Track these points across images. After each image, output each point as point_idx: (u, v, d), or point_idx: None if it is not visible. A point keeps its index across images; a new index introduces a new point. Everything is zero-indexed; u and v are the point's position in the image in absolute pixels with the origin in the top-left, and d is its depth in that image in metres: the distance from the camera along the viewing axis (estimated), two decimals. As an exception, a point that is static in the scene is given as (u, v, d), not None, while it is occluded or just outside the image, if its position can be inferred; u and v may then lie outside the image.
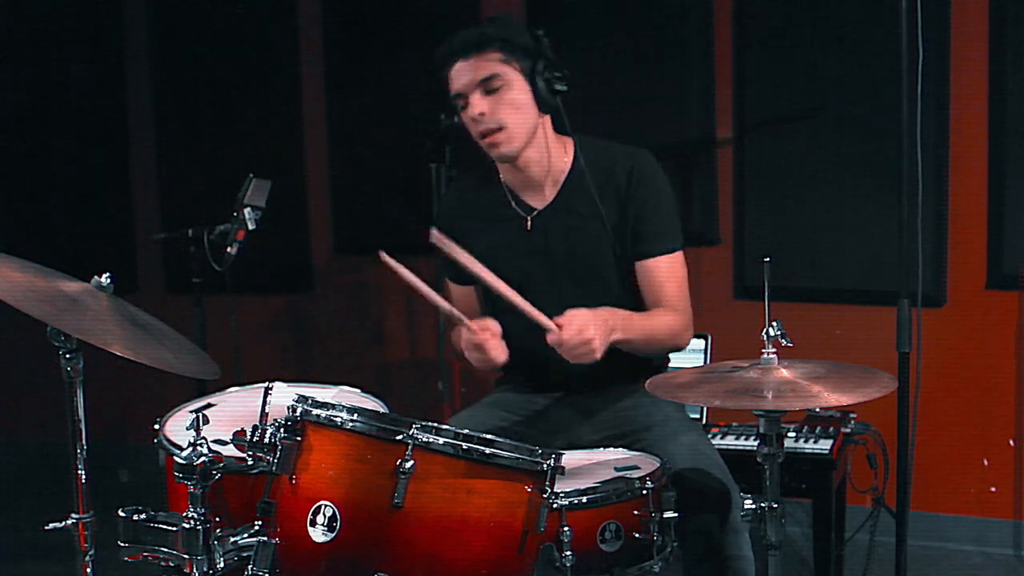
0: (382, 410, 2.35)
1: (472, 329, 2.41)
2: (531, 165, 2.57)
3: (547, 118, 2.57)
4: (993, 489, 3.87)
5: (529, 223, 2.61)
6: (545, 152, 2.57)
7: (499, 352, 2.43)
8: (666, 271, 2.58)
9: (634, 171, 2.57)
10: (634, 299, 2.63)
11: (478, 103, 2.48)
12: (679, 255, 2.60)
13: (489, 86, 2.48)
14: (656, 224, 2.57)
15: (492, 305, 2.74)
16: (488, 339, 2.42)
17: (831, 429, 3.30)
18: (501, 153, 2.53)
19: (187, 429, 2.03)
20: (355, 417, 1.98)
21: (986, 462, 3.86)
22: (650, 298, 2.59)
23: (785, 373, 2.16)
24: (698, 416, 3.34)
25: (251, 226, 3.44)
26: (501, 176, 2.64)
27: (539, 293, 2.60)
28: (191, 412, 2.08)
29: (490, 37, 2.48)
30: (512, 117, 2.49)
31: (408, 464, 1.92)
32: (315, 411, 2.00)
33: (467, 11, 4.36)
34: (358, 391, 2.54)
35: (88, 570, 2.19)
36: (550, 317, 2.58)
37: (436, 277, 4.06)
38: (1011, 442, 3.82)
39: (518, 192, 2.63)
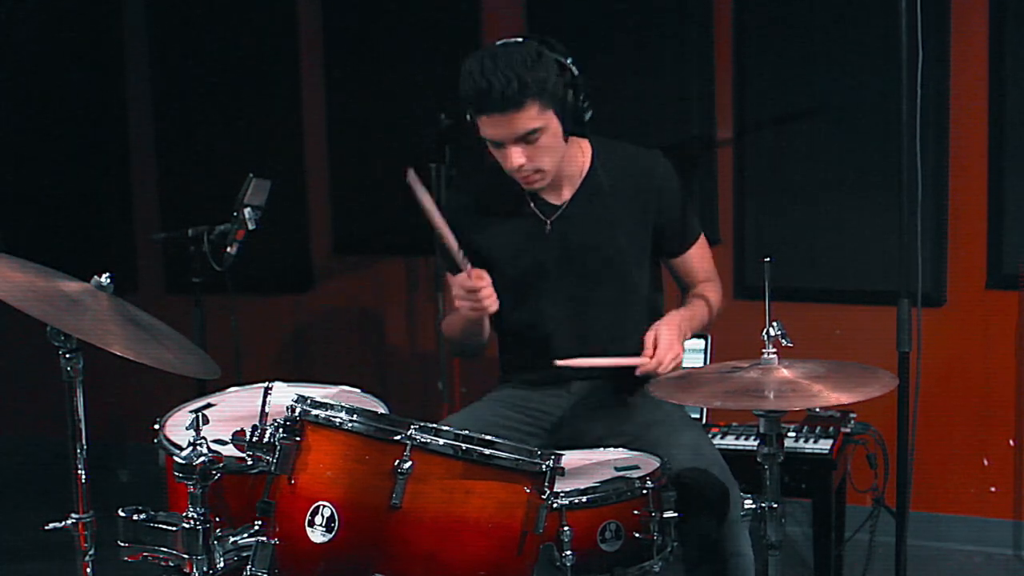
0: (382, 410, 2.35)
1: (471, 275, 2.42)
2: None
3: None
4: (993, 489, 3.86)
5: (550, 224, 2.61)
6: (566, 157, 2.58)
7: (492, 300, 2.44)
8: (699, 256, 2.73)
9: (655, 177, 2.60)
10: (651, 293, 2.68)
11: (517, 155, 2.45)
12: (702, 236, 2.74)
13: (529, 139, 2.44)
14: (684, 222, 2.68)
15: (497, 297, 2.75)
16: (483, 286, 2.43)
17: (831, 429, 3.31)
18: (534, 188, 2.56)
19: (187, 429, 2.03)
20: (353, 417, 1.98)
21: (986, 462, 3.86)
22: (688, 281, 2.76)
23: (785, 373, 2.16)
24: (698, 416, 3.34)
25: (251, 226, 3.44)
26: None
27: (555, 291, 2.62)
28: (191, 412, 2.09)
29: (529, 89, 2.37)
30: (548, 161, 2.49)
31: (406, 465, 1.92)
32: (314, 411, 2.00)
33: (467, 11, 4.37)
34: (358, 391, 2.54)
35: (88, 570, 2.19)
36: (562, 312, 2.60)
37: (436, 275, 4.09)
38: (1011, 442, 3.82)
39: (536, 192, 2.64)
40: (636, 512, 2.18)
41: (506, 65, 2.38)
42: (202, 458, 2.00)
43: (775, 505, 2.19)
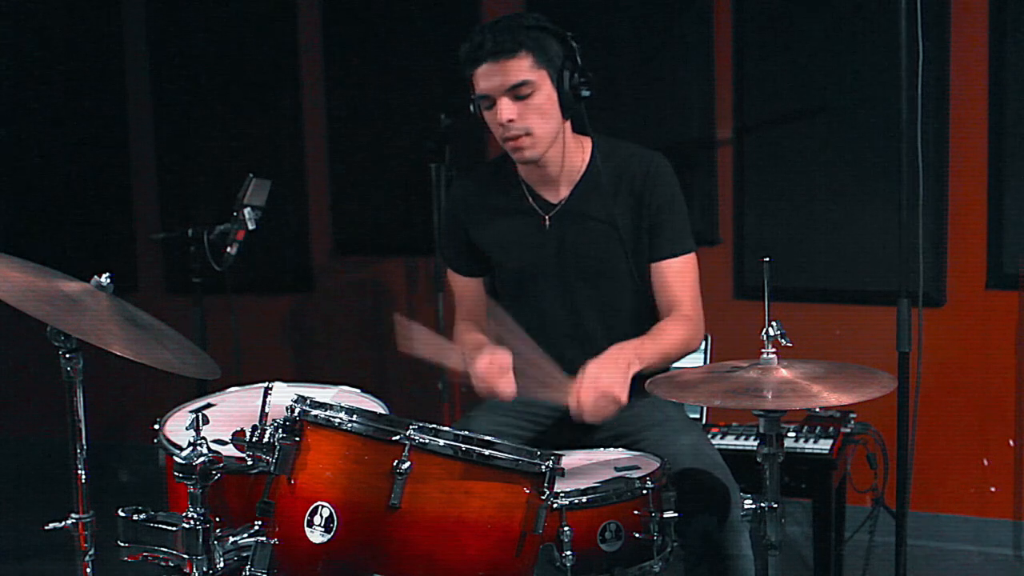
0: (381, 410, 2.35)
1: (483, 366, 2.42)
2: (549, 164, 2.58)
3: (568, 119, 2.57)
4: (993, 489, 3.87)
5: (547, 220, 2.61)
6: (564, 151, 2.59)
7: (507, 389, 2.42)
8: (678, 273, 2.60)
9: (649, 174, 2.58)
10: (645, 298, 2.65)
11: (507, 109, 2.46)
12: (692, 257, 2.63)
13: (519, 92, 2.45)
14: (670, 228, 2.60)
15: (496, 299, 2.75)
16: (497, 380, 2.41)
17: (831, 429, 3.30)
18: (524, 157, 2.53)
19: (187, 429, 2.03)
20: (353, 418, 1.98)
21: (986, 462, 3.86)
22: (662, 300, 2.61)
23: (785, 373, 2.16)
24: (698, 416, 3.34)
25: (251, 226, 3.44)
26: (519, 170, 2.65)
27: (549, 288, 2.61)
28: (191, 412, 2.08)
29: (523, 42, 2.43)
30: (538, 124, 2.48)
31: (405, 465, 1.92)
32: (313, 411, 2.00)
33: (467, 11, 4.37)
34: (358, 391, 2.54)
35: (88, 570, 2.19)
36: (557, 312, 2.61)
37: (436, 275, 4.09)
38: (1011, 442, 3.82)
39: (535, 187, 2.64)
40: (636, 512, 2.18)
41: (503, 22, 2.46)
42: (202, 458, 1.99)
43: (775, 505, 2.19)
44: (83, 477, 2.17)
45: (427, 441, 1.94)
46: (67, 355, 2.13)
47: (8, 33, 5.10)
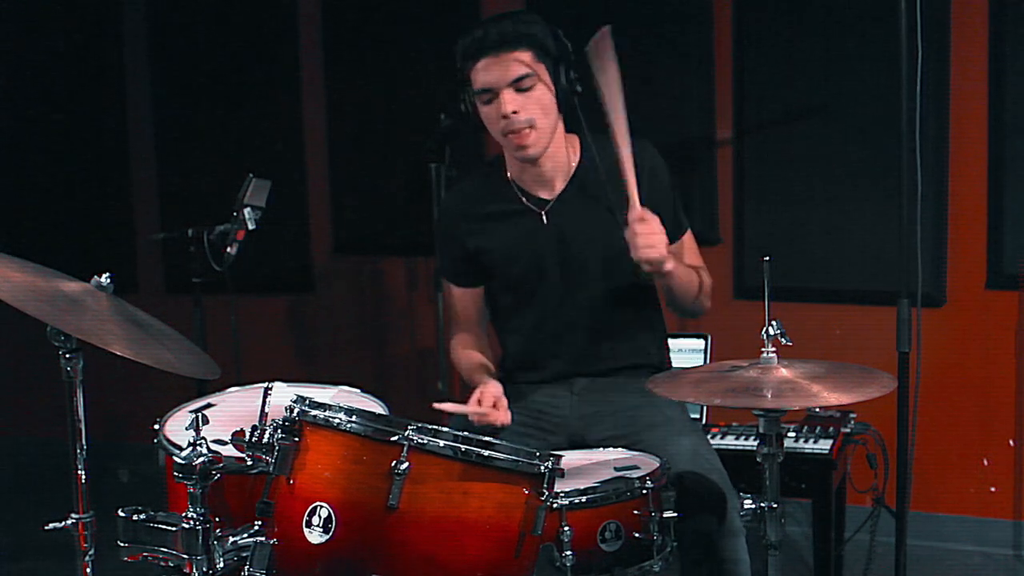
0: (381, 410, 2.35)
1: (478, 409, 2.42)
2: (546, 161, 2.59)
3: (561, 116, 2.58)
4: (993, 489, 3.87)
5: (545, 217, 2.62)
6: (558, 149, 2.60)
7: (502, 418, 2.44)
8: (685, 250, 2.69)
9: (644, 161, 2.58)
10: (645, 287, 2.65)
11: (510, 101, 2.47)
12: (689, 232, 2.72)
13: (521, 85, 2.47)
14: (669, 213, 2.63)
15: (496, 305, 2.75)
16: (491, 415, 2.42)
17: (831, 429, 3.31)
18: (527, 153, 2.54)
19: (187, 429, 2.03)
20: (352, 418, 1.98)
21: (986, 462, 3.86)
22: None
23: (785, 372, 2.16)
24: (698, 416, 3.34)
25: (251, 226, 3.44)
26: (508, 173, 2.65)
27: (554, 284, 2.62)
28: (191, 412, 2.08)
29: (523, 35, 2.48)
30: (541, 117, 2.50)
31: (403, 466, 1.92)
32: (312, 412, 2.00)
33: (467, 10, 4.37)
34: (358, 391, 2.54)
35: (88, 570, 2.19)
36: (563, 305, 2.63)
37: (436, 275, 4.09)
38: (1011, 442, 3.82)
39: (527, 187, 2.64)
40: (636, 512, 2.18)
41: (502, 18, 2.52)
42: (202, 458, 1.99)
43: (775, 505, 2.19)
44: (83, 477, 2.17)
45: (426, 442, 1.94)
46: (67, 355, 2.13)
47: (8, 33, 5.10)
